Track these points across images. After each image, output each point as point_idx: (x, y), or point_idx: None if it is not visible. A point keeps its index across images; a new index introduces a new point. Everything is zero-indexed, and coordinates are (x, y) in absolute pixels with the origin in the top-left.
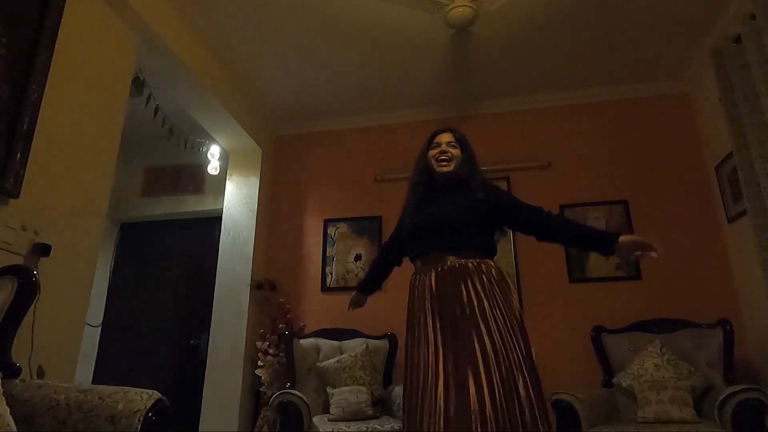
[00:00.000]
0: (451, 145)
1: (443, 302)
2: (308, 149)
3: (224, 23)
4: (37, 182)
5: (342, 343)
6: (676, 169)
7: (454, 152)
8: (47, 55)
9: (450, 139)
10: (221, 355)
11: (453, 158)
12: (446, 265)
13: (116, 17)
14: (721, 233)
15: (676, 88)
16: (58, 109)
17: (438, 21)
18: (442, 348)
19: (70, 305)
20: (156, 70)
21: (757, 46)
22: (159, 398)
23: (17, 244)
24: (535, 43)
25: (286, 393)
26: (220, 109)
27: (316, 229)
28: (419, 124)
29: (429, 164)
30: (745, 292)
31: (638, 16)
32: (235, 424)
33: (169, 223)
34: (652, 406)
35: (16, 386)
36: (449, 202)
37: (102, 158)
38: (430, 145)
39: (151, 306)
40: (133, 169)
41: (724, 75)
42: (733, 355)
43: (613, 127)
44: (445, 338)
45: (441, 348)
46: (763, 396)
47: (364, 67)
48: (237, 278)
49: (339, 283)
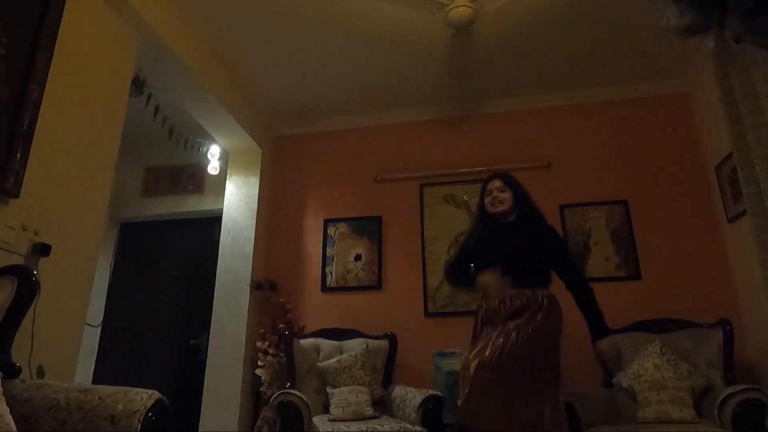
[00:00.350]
0: (500, 190)
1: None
2: (308, 149)
3: (224, 23)
4: (37, 182)
5: (342, 343)
6: (676, 169)
7: (505, 196)
8: (47, 55)
9: (499, 185)
10: (221, 355)
11: (504, 201)
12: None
13: (116, 17)
14: (721, 233)
15: (676, 88)
16: (58, 109)
17: (438, 21)
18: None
19: (70, 305)
20: (156, 70)
21: None
22: (159, 398)
23: (17, 244)
24: (535, 43)
25: (286, 393)
26: (220, 109)
27: (316, 229)
28: (419, 124)
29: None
30: (745, 292)
31: (638, 16)
32: (235, 424)
33: (169, 223)
34: (652, 406)
35: (16, 386)
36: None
37: (102, 158)
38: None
39: (151, 306)
40: (133, 169)
41: (724, 75)
42: (733, 355)
43: (613, 127)
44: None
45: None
46: (763, 396)
47: (364, 67)
48: (237, 278)
49: (339, 283)
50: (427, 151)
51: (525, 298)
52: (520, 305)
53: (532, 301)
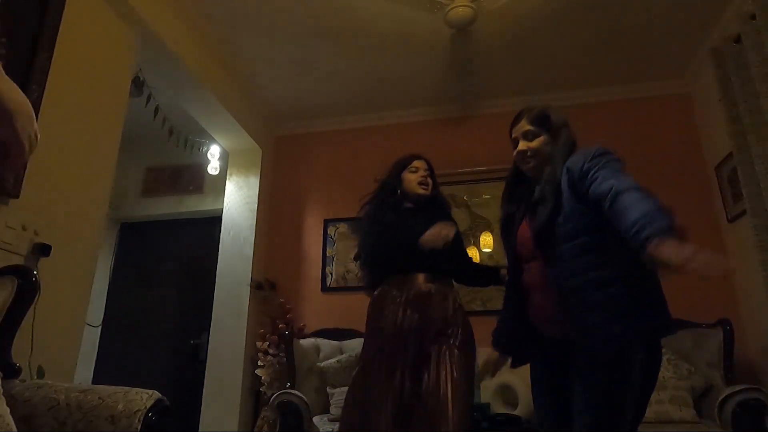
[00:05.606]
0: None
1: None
2: (308, 149)
3: (224, 23)
4: (37, 182)
5: (342, 343)
6: (676, 169)
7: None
8: (47, 55)
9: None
10: (221, 355)
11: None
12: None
13: (116, 17)
14: (721, 233)
15: (677, 88)
16: (58, 109)
17: (438, 21)
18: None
19: (70, 305)
20: (156, 70)
21: (757, 45)
22: (159, 398)
23: (17, 244)
24: (535, 43)
25: (286, 393)
26: (220, 109)
27: (316, 229)
28: (419, 124)
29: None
30: (745, 292)
31: (638, 16)
32: (235, 424)
33: (169, 223)
34: (652, 407)
35: (16, 386)
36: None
37: (102, 158)
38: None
39: (151, 306)
40: (133, 169)
41: (724, 75)
42: (733, 355)
43: (613, 126)
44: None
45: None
46: (763, 396)
47: (364, 67)
48: (237, 278)
49: (339, 283)
50: (427, 151)
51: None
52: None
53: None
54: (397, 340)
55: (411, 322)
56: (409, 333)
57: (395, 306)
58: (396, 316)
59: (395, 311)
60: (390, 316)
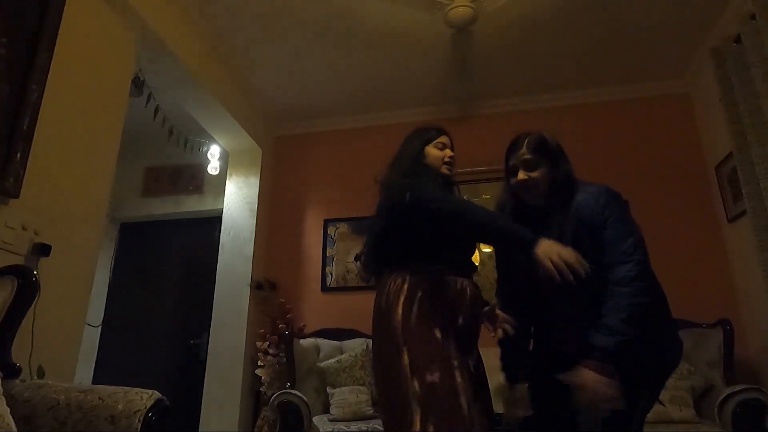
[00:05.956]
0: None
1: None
2: (308, 149)
3: (224, 23)
4: (37, 182)
5: (342, 343)
6: (676, 169)
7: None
8: (47, 55)
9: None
10: (221, 355)
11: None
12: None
13: (116, 17)
14: (721, 233)
15: (677, 88)
16: (58, 109)
17: (438, 21)
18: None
19: (70, 305)
20: (156, 70)
21: (757, 46)
22: (159, 398)
23: (17, 244)
24: (535, 43)
25: (286, 393)
26: (220, 109)
27: (316, 229)
28: (419, 124)
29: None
30: (745, 292)
31: (638, 16)
32: (235, 424)
33: (169, 223)
34: None
35: (16, 386)
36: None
37: (102, 158)
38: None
39: (151, 306)
40: (133, 169)
41: (724, 75)
42: (733, 355)
43: (613, 126)
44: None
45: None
46: (763, 396)
47: (364, 67)
48: (237, 278)
49: (339, 283)
50: None
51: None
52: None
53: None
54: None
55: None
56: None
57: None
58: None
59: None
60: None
